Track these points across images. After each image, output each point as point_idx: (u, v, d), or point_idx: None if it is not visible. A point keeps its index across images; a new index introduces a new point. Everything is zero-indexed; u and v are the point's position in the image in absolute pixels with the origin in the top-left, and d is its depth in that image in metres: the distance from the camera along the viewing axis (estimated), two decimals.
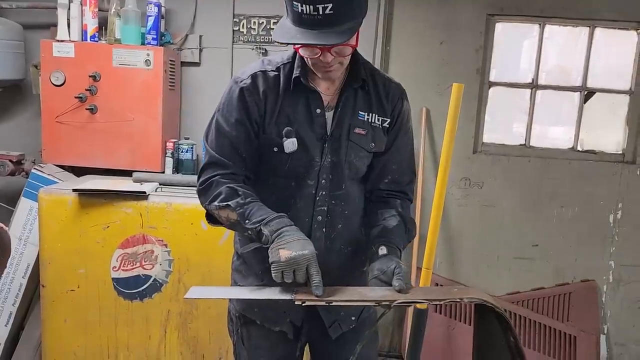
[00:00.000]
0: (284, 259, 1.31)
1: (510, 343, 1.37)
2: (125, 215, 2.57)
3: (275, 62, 1.51)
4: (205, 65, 3.31)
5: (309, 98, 1.48)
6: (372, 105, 1.52)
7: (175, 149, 3.05)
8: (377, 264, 1.44)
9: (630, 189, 3.31)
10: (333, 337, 1.62)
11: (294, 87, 1.47)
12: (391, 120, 1.55)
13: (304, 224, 1.50)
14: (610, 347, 3.44)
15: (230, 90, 1.50)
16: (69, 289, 2.62)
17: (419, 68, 3.30)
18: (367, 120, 1.52)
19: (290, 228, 1.37)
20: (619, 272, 3.39)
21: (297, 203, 1.51)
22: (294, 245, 1.32)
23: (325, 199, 1.52)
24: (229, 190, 1.43)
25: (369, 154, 1.55)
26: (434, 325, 3.28)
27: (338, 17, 1.29)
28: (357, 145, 1.51)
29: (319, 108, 1.49)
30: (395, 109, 1.55)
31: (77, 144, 2.97)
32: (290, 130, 1.46)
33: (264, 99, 1.47)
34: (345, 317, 1.63)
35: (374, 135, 1.53)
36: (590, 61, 3.32)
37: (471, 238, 3.41)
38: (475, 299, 1.35)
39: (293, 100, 1.48)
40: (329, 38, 1.30)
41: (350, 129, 1.50)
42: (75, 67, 2.91)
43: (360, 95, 1.52)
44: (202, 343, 2.66)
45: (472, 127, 3.35)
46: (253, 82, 1.48)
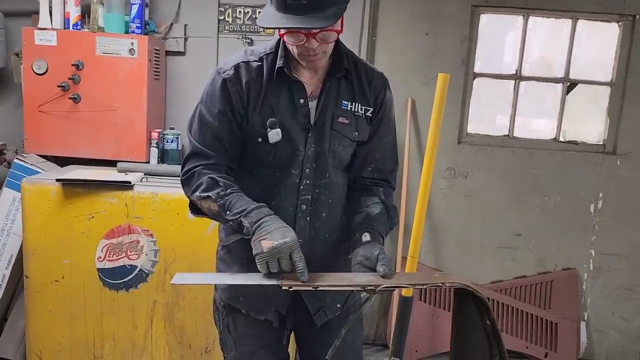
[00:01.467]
0: (267, 249, 1.32)
1: (487, 327, 1.42)
2: (110, 206, 2.55)
3: (258, 52, 1.51)
4: (190, 54, 3.28)
5: (292, 88, 1.49)
6: (355, 95, 1.53)
7: (160, 139, 3.03)
8: (360, 250, 1.46)
9: (610, 179, 3.37)
10: (318, 325, 1.63)
11: (277, 77, 1.47)
12: (374, 110, 1.56)
13: (288, 213, 1.51)
14: (590, 333, 3.52)
15: (213, 81, 1.50)
16: (53, 280, 2.60)
17: (404, 59, 3.32)
18: (350, 109, 1.53)
19: (270, 218, 1.38)
20: (599, 260, 3.46)
21: (281, 192, 1.52)
22: (274, 234, 1.34)
23: (309, 188, 1.53)
24: (210, 181, 1.43)
25: (352, 143, 1.56)
26: (419, 314, 3.32)
27: (322, 3, 1.31)
28: (341, 134, 1.52)
29: (302, 98, 1.49)
30: (378, 98, 1.56)
31: (61, 134, 2.94)
32: (274, 121, 1.46)
33: (247, 90, 1.47)
34: (331, 304, 1.64)
35: (357, 124, 1.54)
36: (573, 53, 3.36)
37: (456, 228, 3.45)
38: (457, 284, 1.39)
39: (276, 90, 1.48)
40: (314, 22, 1.31)
41: (333, 119, 1.51)
42: (58, 55, 2.87)
43: (343, 84, 1.52)
44: (188, 333, 2.66)
45: (456, 118, 3.37)
46: (236, 72, 1.48)
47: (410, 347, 3.27)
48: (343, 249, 1.63)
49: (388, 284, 1.36)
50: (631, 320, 3.49)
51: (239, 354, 1.67)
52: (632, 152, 3.34)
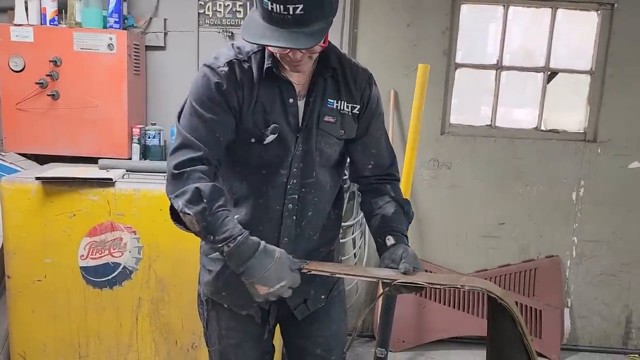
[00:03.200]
0: (264, 293, 1.31)
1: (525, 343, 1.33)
2: (92, 203, 2.53)
3: (245, 51, 1.48)
4: (170, 49, 3.25)
5: (282, 88, 1.47)
6: (341, 93, 1.52)
7: (141, 135, 3.01)
8: (387, 254, 1.48)
9: (591, 167, 3.41)
10: (299, 319, 1.64)
11: (266, 77, 1.45)
12: (361, 107, 1.55)
13: (274, 211, 1.51)
14: (574, 319, 3.57)
15: (205, 75, 1.45)
16: (35, 279, 2.57)
17: (386, 50, 3.32)
18: (336, 107, 1.52)
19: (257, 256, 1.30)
20: (582, 247, 3.50)
21: (268, 191, 1.51)
22: (267, 278, 1.29)
23: (296, 187, 1.52)
24: (195, 193, 1.32)
25: (339, 141, 1.55)
26: (405, 305, 3.34)
27: (308, 18, 1.28)
28: (327, 133, 1.52)
29: (291, 97, 1.48)
30: (364, 95, 1.55)
31: (40, 132, 2.90)
32: (276, 127, 1.45)
33: (241, 88, 1.45)
34: (315, 296, 1.65)
35: (343, 122, 1.53)
36: (553, 42, 3.39)
37: (440, 218, 3.47)
38: (477, 287, 1.31)
39: (267, 90, 1.46)
40: (299, 40, 1.28)
41: (319, 117, 1.50)
42: (35, 52, 2.83)
43: (329, 83, 1.51)
44: (174, 329, 2.65)
45: (439, 109, 3.39)
46: (230, 69, 1.44)
47: (397, 338, 3.30)
48: (325, 243, 1.64)
49: (404, 279, 1.36)
50: (613, 306, 3.54)
51: (223, 348, 1.67)
52: (612, 140, 3.39)
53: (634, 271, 3.50)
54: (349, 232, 3.28)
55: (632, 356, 3.52)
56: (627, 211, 3.43)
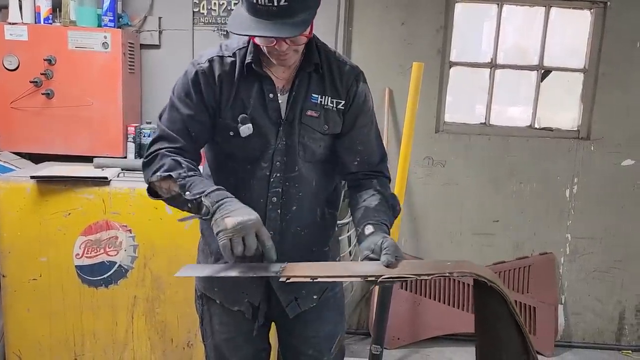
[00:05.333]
0: (231, 225, 1.29)
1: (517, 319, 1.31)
2: (87, 202, 2.53)
3: (232, 48, 1.52)
4: (165, 47, 3.25)
5: (263, 83, 1.50)
6: (325, 88, 1.53)
7: (136, 133, 3.00)
8: (365, 244, 1.43)
9: (584, 164, 3.43)
10: (290, 316, 1.64)
11: (247, 72, 1.49)
12: (346, 102, 1.56)
13: (258, 204, 1.52)
14: (568, 316, 3.60)
15: (186, 72, 1.52)
16: (30, 278, 2.57)
17: (381, 49, 3.33)
18: (319, 102, 1.53)
19: (232, 199, 1.37)
20: (575, 244, 3.53)
21: (252, 184, 1.54)
22: (238, 212, 1.32)
23: (279, 181, 1.54)
24: (172, 162, 1.42)
25: (323, 136, 1.56)
26: (400, 302, 3.36)
27: (293, 9, 1.31)
28: (310, 127, 1.53)
29: (271, 93, 1.50)
30: (350, 91, 1.56)
31: (34, 130, 2.89)
32: (245, 117, 1.48)
33: (219, 84, 1.49)
34: (307, 295, 1.65)
35: (327, 117, 1.54)
36: (547, 40, 3.41)
37: (435, 215, 3.49)
38: (467, 273, 1.27)
39: (247, 85, 1.50)
40: (283, 30, 1.31)
41: (302, 112, 1.52)
42: (29, 50, 2.82)
43: (314, 78, 1.53)
44: (170, 327, 2.65)
45: (433, 107, 3.40)
46: (210, 66, 1.49)
47: (392, 335, 3.31)
48: (317, 241, 1.65)
49: (390, 274, 1.30)
50: (606, 302, 3.57)
51: (216, 342, 1.69)
52: (605, 137, 3.41)
53: (627, 268, 3.53)
54: (345, 230, 3.29)
55: (625, 352, 3.55)
56: (620, 208, 3.46)
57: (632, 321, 3.60)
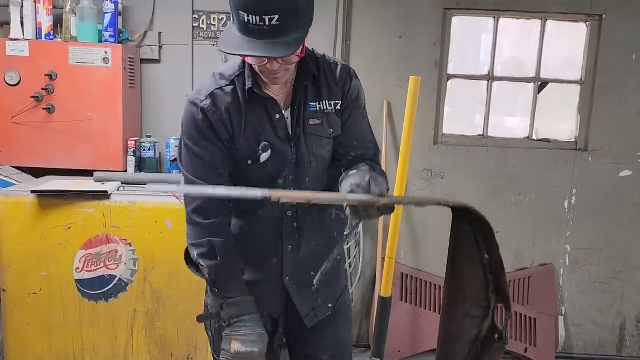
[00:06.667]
0: (233, 351, 1.41)
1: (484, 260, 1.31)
2: (87, 216, 2.54)
3: (227, 76, 1.51)
4: (165, 62, 3.29)
5: (267, 106, 1.50)
6: (322, 94, 1.54)
7: (137, 147, 3.02)
8: (349, 180, 1.38)
9: (583, 176, 3.45)
10: (309, 327, 1.65)
11: (250, 97, 1.49)
12: (342, 101, 1.57)
13: (274, 220, 1.54)
14: (568, 327, 3.59)
15: (190, 113, 1.49)
16: (31, 292, 2.57)
17: (379, 62, 3.36)
18: (319, 109, 1.54)
19: (250, 318, 1.45)
20: (575, 255, 3.53)
21: (267, 201, 1.52)
22: (246, 339, 1.41)
23: None
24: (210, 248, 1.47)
25: (329, 140, 1.57)
26: (400, 314, 3.36)
27: (285, 28, 1.29)
28: (316, 135, 1.54)
29: (277, 113, 1.51)
30: (345, 88, 1.57)
31: (35, 145, 2.91)
32: (266, 145, 1.49)
33: (228, 116, 1.48)
34: (323, 305, 1.66)
35: (329, 120, 1.55)
36: (543, 53, 3.43)
37: (434, 227, 3.49)
38: (458, 204, 1.28)
39: (254, 110, 1.50)
40: (275, 49, 1.30)
41: (305, 123, 1.53)
42: (31, 66, 2.85)
43: (310, 88, 1.54)
44: (170, 341, 2.65)
45: (432, 119, 3.42)
46: (213, 101, 1.47)
47: (392, 348, 3.30)
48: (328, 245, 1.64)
49: (386, 201, 1.26)
50: (607, 313, 3.57)
51: None
52: (603, 149, 3.43)
53: (627, 278, 3.53)
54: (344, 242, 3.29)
55: None
56: (618, 219, 3.47)
57: (633, 332, 3.59)
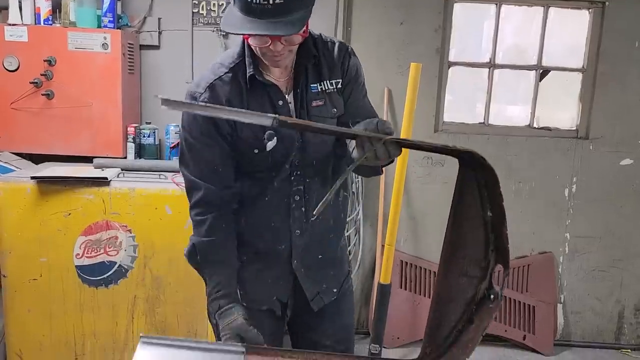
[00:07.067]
0: None
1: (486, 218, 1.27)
2: (87, 202, 2.54)
3: (227, 64, 1.49)
4: (165, 48, 3.26)
5: (269, 92, 1.49)
6: (322, 74, 1.53)
7: (136, 134, 3.01)
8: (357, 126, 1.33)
9: (583, 164, 3.44)
10: (315, 310, 1.65)
11: (252, 84, 1.47)
12: (342, 79, 1.55)
13: (282, 205, 1.54)
14: (567, 315, 3.60)
15: None
16: (31, 278, 2.58)
17: (380, 49, 3.33)
18: (320, 90, 1.52)
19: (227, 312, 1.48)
20: (574, 243, 3.53)
21: (274, 187, 1.54)
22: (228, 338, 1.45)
23: (300, 178, 1.54)
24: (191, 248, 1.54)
25: (333, 120, 1.56)
26: (400, 301, 3.37)
27: (288, 6, 1.28)
28: (320, 116, 1.52)
29: (280, 99, 1.49)
30: (344, 65, 1.55)
31: (34, 131, 2.90)
32: (271, 133, 1.46)
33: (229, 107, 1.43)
34: (327, 290, 1.67)
35: (332, 100, 1.54)
36: (545, 40, 3.41)
37: (434, 215, 3.49)
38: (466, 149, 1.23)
39: (256, 97, 1.48)
40: (278, 28, 1.28)
41: (308, 106, 1.51)
42: (29, 51, 2.83)
43: (310, 69, 1.52)
44: (170, 327, 2.66)
45: (432, 107, 3.41)
46: (212, 93, 1.45)
47: (391, 335, 3.32)
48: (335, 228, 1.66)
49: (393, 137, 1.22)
50: (605, 301, 3.58)
51: None
52: (604, 137, 3.42)
53: (626, 267, 3.53)
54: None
55: (624, 351, 3.56)
56: (619, 207, 3.47)
57: (631, 320, 3.60)
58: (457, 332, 1.32)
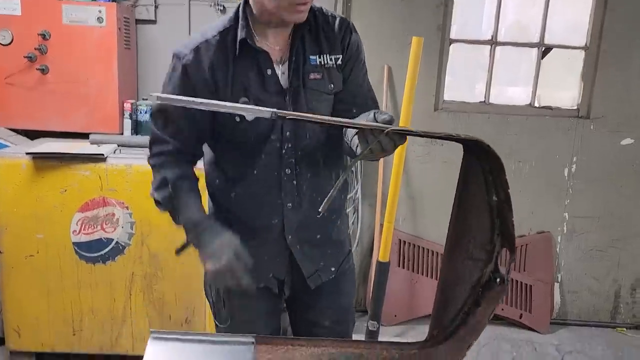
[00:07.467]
0: (210, 275, 1.41)
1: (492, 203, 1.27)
2: (83, 178, 2.52)
3: (216, 28, 1.46)
4: (161, 22, 3.20)
5: (259, 60, 1.44)
6: (322, 47, 1.49)
7: (133, 110, 2.97)
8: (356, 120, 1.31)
9: (584, 143, 3.42)
10: (312, 287, 1.62)
11: (241, 50, 1.43)
12: (343, 55, 1.52)
13: (272, 178, 1.49)
14: (564, 294, 3.62)
15: (173, 67, 1.45)
16: (28, 255, 2.57)
17: (380, 25, 3.28)
18: (319, 63, 1.49)
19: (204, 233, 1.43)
20: (573, 223, 3.53)
21: (263, 161, 1.49)
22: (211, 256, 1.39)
23: (292, 151, 1.50)
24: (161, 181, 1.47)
25: (329, 97, 1.52)
26: (398, 280, 3.37)
27: None
28: (316, 90, 1.49)
29: (269, 68, 1.45)
30: (344, 41, 1.52)
31: (30, 106, 2.86)
32: (246, 100, 1.42)
33: (211, 72, 1.42)
34: (325, 268, 1.64)
35: (330, 75, 1.51)
36: (548, 17, 3.36)
37: (433, 194, 3.48)
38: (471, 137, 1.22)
39: (243, 64, 1.44)
40: None
41: (304, 77, 1.48)
42: (23, 25, 2.78)
43: (308, 40, 1.48)
44: (168, 304, 2.66)
45: (433, 85, 3.37)
46: (196, 56, 1.41)
47: (389, 312, 3.33)
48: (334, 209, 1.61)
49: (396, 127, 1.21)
50: (602, 281, 3.59)
51: (235, 324, 1.64)
52: (606, 116, 3.39)
53: (624, 247, 3.54)
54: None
55: (620, 330, 3.58)
56: (618, 187, 3.45)
57: (627, 299, 3.62)
58: (464, 314, 1.33)
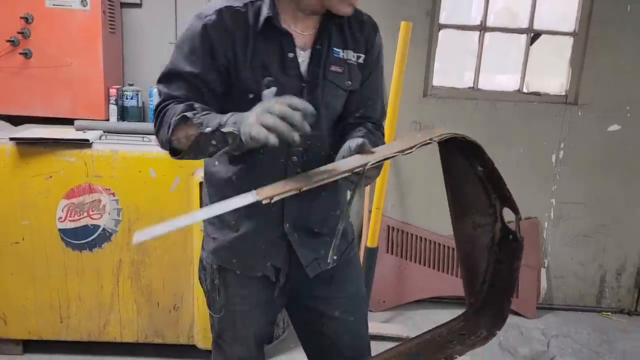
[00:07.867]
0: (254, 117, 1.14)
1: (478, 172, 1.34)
2: (69, 165, 2.48)
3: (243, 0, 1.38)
4: (147, 6, 3.15)
5: (282, 41, 1.38)
6: (347, 42, 1.45)
7: (119, 95, 2.94)
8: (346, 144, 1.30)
9: (571, 129, 3.43)
10: (311, 276, 1.56)
11: (264, 28, 1.36)
12: (366, 55, 1.48)
13: (278, 164, 1.44)
14: (550, 279, 3.66)
15: (191, 26, 1.36)
16: (13, 242, 2.54)
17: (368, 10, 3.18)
18: (342, 57, 1.44)
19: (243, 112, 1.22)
20: (560, 209, 3.56)
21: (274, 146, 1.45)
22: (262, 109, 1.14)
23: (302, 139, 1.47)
24: (183, 107, 1.28)
25: (345, 93, 1.48)
26: (386, 266, 3.39)
27: None
28: (334, 84, 1.44)
29: (291, 52, 1.39)
30: (369, 42, 1.49)
31: (13, 91, 2.82)
32: (271, 79, 1.36)
33: (232, 39, 1.34)
34: (326, 256, 1.56)
35: (350, 72, 1.47)
36: (537, 3, 3.35)
37: (422, 180, 3.48)
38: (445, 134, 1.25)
39: (265, 42, 1.37)
40: None
41: (326, 68, 1.43)
42: (4, 8, 2.72)
43: (334, 31, 1.44)
44: (156, 291, 2.65)
45: (422, 71, 3.36)
46: (219, 18, 1.32)
47: (377, 298, 3.35)
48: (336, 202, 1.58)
49: (373, 159, 1.21)
50: (588, 266, 3.63)
51: (230, 314, 1.60)
52: (593, 102, 3.40)
53: (610, 232, 3.57)
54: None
55: (605, 314, 3.63)
56: (605, 173, 3.48)
57: (612, 284, 3.67)
58: (490, 275, 1.41)
